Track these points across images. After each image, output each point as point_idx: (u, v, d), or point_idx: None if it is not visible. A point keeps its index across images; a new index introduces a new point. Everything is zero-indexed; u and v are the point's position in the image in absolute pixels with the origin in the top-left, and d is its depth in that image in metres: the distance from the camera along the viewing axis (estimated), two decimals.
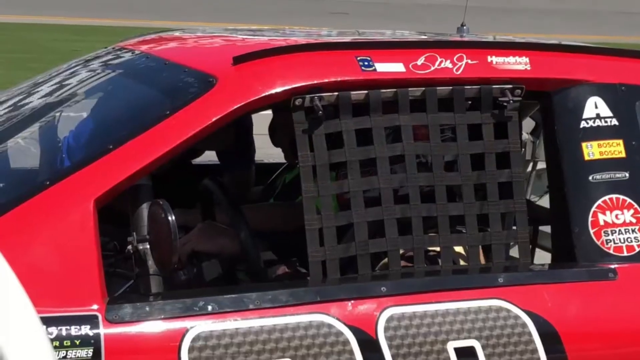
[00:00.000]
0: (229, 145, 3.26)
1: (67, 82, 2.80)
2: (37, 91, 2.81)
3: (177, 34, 3.16)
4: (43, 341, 1.51)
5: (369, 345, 2.33)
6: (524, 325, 2.43)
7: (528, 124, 3.65)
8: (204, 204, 2.90)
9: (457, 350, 2.38)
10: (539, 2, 19.34)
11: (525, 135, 3.66)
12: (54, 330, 2.15)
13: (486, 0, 16.15)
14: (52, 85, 2.82)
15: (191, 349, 2.22)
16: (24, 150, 2.66)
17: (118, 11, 15.60)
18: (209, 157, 3.52)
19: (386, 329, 2.35)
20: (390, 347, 2.34)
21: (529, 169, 3.70)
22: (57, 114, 2.65)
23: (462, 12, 3.19)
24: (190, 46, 2.99)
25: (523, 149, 3.66)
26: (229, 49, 2.76)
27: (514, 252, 2.72)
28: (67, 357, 2.15)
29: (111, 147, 2.32)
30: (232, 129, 3.19)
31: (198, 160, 3.52)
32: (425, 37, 3.01)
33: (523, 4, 19.00)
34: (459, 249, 2.61)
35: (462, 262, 2.61)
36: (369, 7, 17.30)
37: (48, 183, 2.29)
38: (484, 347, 2.40)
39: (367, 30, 3.27)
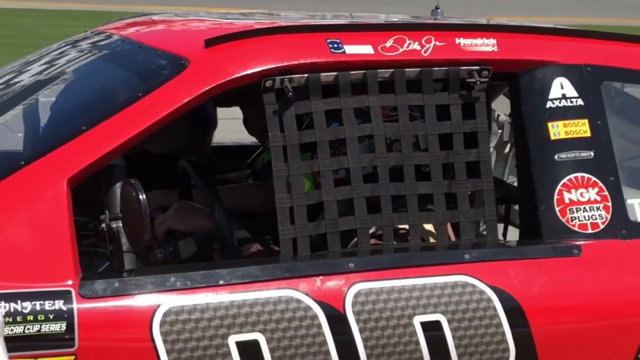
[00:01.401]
0: (185, 144, 3.30)
1: (43, 65, 2.89)
2: (12, 75, 2.90)
3: (155, 17, 3.24)
4: None
5: (337, 319, 2.42)
6: (489, 300, 2.53)
7: (507, 105, 3.72)
8: (181, 184, 2.99)
9: (424, 325, 2.48)
10: None
11: (503, 117, 3.74)
12: (28, 305, 2.24)
13: None
14: (28, 68, 2.91)
15: (162, 323, 2.31)
16: (3, 130, 2.75)
17: None
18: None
19: (354, 304, 2.44)
20: (357, 321, 2.43)
21: (507, 150, 3.79)
22: (33, 97, 2.74)
23: None
24: (166, 30, 3.07)
25: (501, 130, 3.75)
26: (203, 32, 2.84)
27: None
28: (41, 331, 2.24)
29: (84, 128, 2.41)
30: (188, 128, 3.26)
31: None
32: (419, 20, 3.08)
33: None
34: (429, 226, 2.71)
35: (432, 240, 2.70)
36: None
37: (22, 163, 2.37)
38: (449, 322, 2.49)
39: (361, 14, 3.34)
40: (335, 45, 2.59)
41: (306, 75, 2.54)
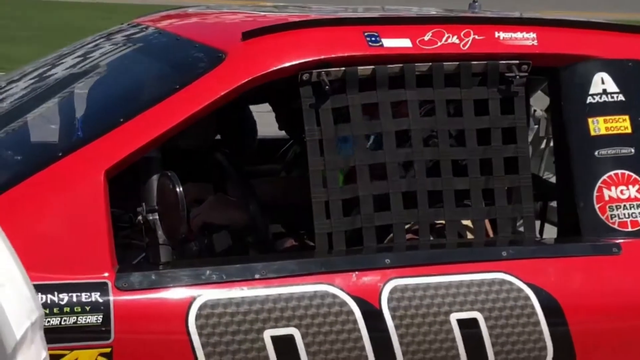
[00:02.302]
0: (210, 140, 3.27)
1: (80, 58, 2.88)
2: (53, 67, 2.90)
3: (190, 10, 3.23)
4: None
5: (373, 315, 2.39)
6: (527, 298, 2.49)
7: (544, 101, 3.68)
8: (216, 177, 2.98)
9: (460, 322, 2.44)
10: None
11: (540, 112, 3.70)
12: (65, 297, 2.23)
13: None
14: (66, 61, 2.91)
15: (198, 317, 2.30)
16: (41, 122, 2.74)
17: None
18: None
19: (390, 300, 2.41)
20: (393, 317, 2.40)
21: (543, 145, 3.74)
22: (71, 89, 2.73)
23: None
24: (202, 22, 3.05)
25: (537, 126, 3.70)
26: (239, 25, 2.82)
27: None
28: (78, 322, 2.23)
29: (122, 120, 2.40)
30: (213, 125, 3.24)
31: None
32: (457, 14, 3.04)
33: None
34: (466, 221, 2.67)
35: (469, 235, 2.67)
36: None
37: (60, 154, 2.37)
38: (486, 319, 2.46)
39: (393, 7, 3.31)
40: (373, 39, 2.56)
41: (343, 68, 2.51)
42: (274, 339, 2.34)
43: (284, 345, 2.34)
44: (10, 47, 10.41)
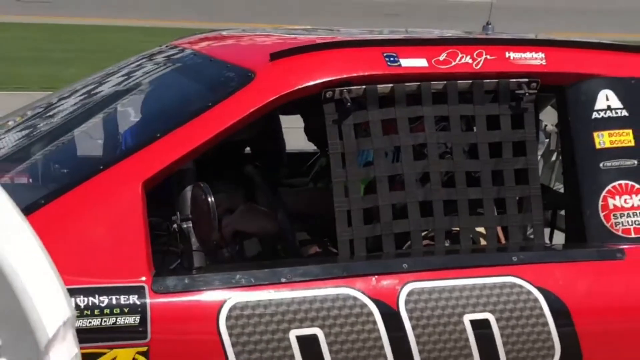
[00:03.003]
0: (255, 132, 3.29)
1: (121, 77, 2.92)
2: (94, 86, 2.94)
3: (224, 33, 3.26)
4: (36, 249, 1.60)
5: (391, 317, 2.40)
6: (536, 300, 2.48)
7: (554, 116, 3.67)
8: (246, 188, 3.00)
9: (473, 323, 2.44)
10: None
11: (551, 127, 3.69)
12: (105, 299, 2.26)
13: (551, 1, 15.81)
14: (107, 80, 2.94)
15: (228, 318, 2.32)
16: (85, 137, 2.78)
17: (196, 13, 15.71)
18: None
19: (407, 302, 2.41)
20: (410, 318, 2.41)
21: (554, 158, 3.73)
22: (112, 106, 2.77)
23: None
24: (234, 44, 3.08)
25: (548, 139, 3.70)
26: (269, 46, 2.84)
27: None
28: (117, 323, 2.26)
29: (158, 135, 2.43)
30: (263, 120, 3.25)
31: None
32: (471, 35, 3.06)
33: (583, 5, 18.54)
34: (480, 229, 2.67)
35: (482, 241, 2.67)
36: (422, 8, 17.23)
37: (101, 167, 2.40)
38: (498, 320, 2.46)
39: (416, 30, 3.32)
40: (392, 59, 2.58)
41: (364, 86, 2.53)
42: (299, 338, 2.35)
43: (308, 344, 2.35)
44: (60, 68, 10.54)
